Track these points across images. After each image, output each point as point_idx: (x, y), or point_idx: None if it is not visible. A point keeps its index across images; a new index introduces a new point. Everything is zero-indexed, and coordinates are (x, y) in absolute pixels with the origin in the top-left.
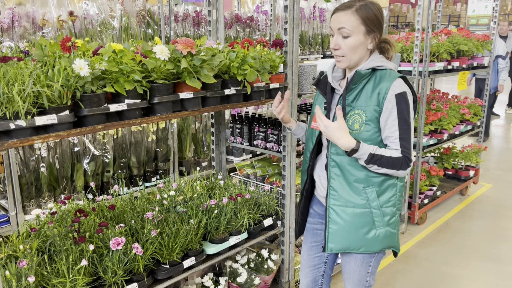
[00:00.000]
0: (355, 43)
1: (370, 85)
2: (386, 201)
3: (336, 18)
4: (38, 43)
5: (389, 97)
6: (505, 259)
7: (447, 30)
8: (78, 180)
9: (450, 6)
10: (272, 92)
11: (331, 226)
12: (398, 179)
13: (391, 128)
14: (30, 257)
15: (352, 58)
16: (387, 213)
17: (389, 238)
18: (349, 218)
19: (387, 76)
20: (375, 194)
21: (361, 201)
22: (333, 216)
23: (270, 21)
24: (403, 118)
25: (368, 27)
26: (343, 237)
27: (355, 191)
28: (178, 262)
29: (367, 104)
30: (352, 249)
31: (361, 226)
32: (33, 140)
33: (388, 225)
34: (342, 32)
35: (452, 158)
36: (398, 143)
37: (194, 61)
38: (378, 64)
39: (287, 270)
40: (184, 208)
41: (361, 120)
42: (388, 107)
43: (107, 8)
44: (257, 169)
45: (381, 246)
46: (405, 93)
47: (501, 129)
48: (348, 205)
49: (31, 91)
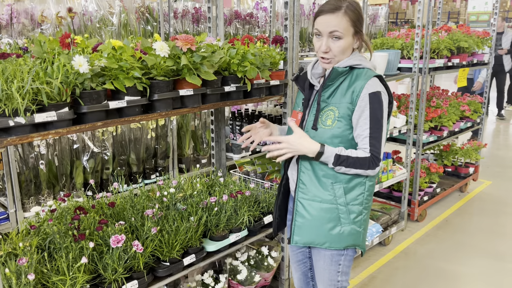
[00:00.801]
0: (345, 45)
1: (346, 83)
2: (353, 199)
3: (325, 21)
4: (37, 40)
5: (363, 96)
6: (505, 256)
7: (447, 26)
8: (77, 177)
9: (450, 3)
10: (272, 89)
11: (297, 219)
12: (367, 178)
13: (362, 126)
14: (30, 254)
15: (340, 59)
16: (353, 211)
17: (354, 236)
18: (316, 212)
19: (363, 74)
20: (342, 190)
21: (328, 196)
22: (300, 210)
23: (269, 18)
24: (375, 117)
25: (356, 27)
26: (308, 230)
27: (323, 186)
28: (178, 259)
29: (341, 101)
30: (317, 243)
31: (326, 221)
32: (32, 137)
33: (353, 223)
34: (333, 35)
35: (452, 155)
36: (367, 142)
37: (194, 57)
38: (356, 62)
39: (287, 267)
40: (184, 205)
41: (334, 116)
42: (361, 105)
43: (106, 4)
44: (257, 166)
45: (346, 244)
46: (379, 93)
47: (500, 126)
48: (315, 200)
49: (30, 88)
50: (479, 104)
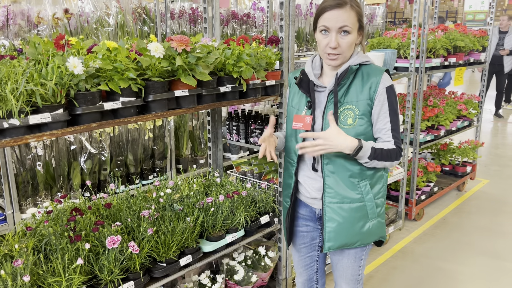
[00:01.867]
0: (353, 40)
1: (358, 80)
2: (377, 193)
3: (333, 16)
4: (31, 41)
5: (380, 90)
6: (502, 254)
7: (444, 26)
8: (74, 178)
9: (448, 2)
10: (268, 89)
11: (328, 224)
12: (384, 170)
13: (383, 120)
14: (26, 256)
15: (347, 55)
16: (378, 205)
17: (380, 228)
18: (346, 214)
19: (374, 70)
20: (369, 187)
21: (357, 195)
22: (330, 214)
23: (266, 18)
24: (393, 110)
25: (360, 22)
26: (340, 234)
27: (351, 187)
28: (175, 260)
29: (359, 98)
30: (349, 244)
31: (357, 220)
32: (27, 139)
33: (379, 215)
34: (343, 30)
35: (449, 154)
36: (390, 135)
37: (189, 58)
38: (364, 59)
39: (284, 267)
40: (180, 206)
41: (354, 115)
42: (380, 99)
43: (102, 5)
44: (254, 167)
45: (374, 237)
46: (393, 86)
47: (498, 124)
48: (344, 201)
49: (24, 89)
50: (476, 103)
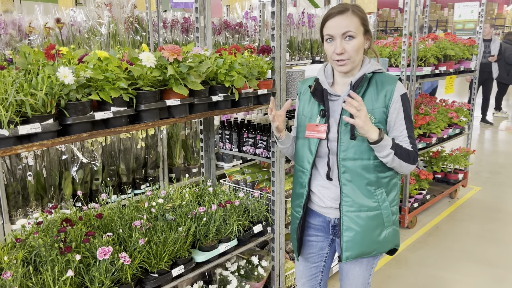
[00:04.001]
0: (359, 44)
1: (372, 88)
2: (392, 200)
3: (336, 23)
4: (22, 51)
5: (396, 98)
6: (495, 261)
7: (434, 35)
8: (66, 188)
9: (438, 11)
10: (261, 98)
11: (346, 234)
12: (397, 177)
13: (399, 127)
14: (15, 268)
15: (356, 60)
16: (394, 212)
17: (395, 236)
18: (364, 222)
19: (388, 78)
20: (385, 194)
21: (374, 203)
22: (347, 223)
23: (259, 27)
24: (408, 117)
25: (365, 27)
26: (358, 243)
27: (368, 195)
28: (167, 270)
29: (374, 106)
30: (367, 253)
31: (374, 228)
32: (16, 150)
33: (394, 223)
34: (347, 35)
35: (441, 162)
36: (408, 141)
37: (180, 68)
38: (378, 67)
39: (278, 277)
40: (173, 215)
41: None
42: (396, 107)
43: (95, 15)
44: (247, 175)
45: (390, 245)
46: (407, 94)
47: (489, 132)
48: (362, 210)
49: (14, 99)
50: (467, 111)
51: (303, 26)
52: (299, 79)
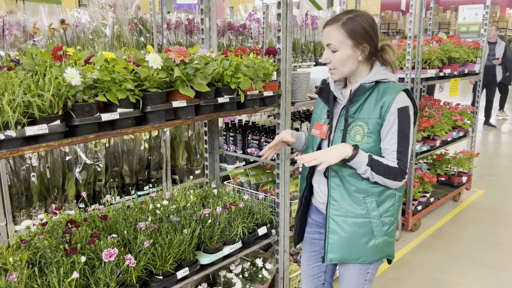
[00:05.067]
0: (343, 56)
1: (373, 98)
2: (385, 211)
3: (324, 33)
4: (28, 52)
5: (392, 111)
6: (499, 265)
7: (439, 37)
8: (69, 189)
9: (440, 14)
10: (266, 100)
11: (331, 236)
12: (397, 189)
13: (390, 140)
14: (20, 269)
15: (343, 71)
16: (386, 223)
17: (386, 247)
18: (350, 228)
19: (390, 89)
20: (375, 204)
21: (361, 211)
22: (333, 226)
23: (262, 29)
24: (403, 132)
25: (355, 40)
26: (343, 247)
27: (355, 201)
28: (172, 273)
29: (370, 116)
30: (351, 259)
31: (361, 236)
32: (23, 151)
33: (386, 234)
34: (330, 47)
35: (445, 165)
36: (395, 156)
37: (187, 69)
38: (382, 77)
39: (282, 280)
40: (177, 217)
41: (363, 132)
42: (390, 120)
43: (99, 16)
44: (251, 177)
45: (379, 256)
46: (407, 108)
47: (492, 135)
48: (348, 215)
49: (21, 101)
50: (471, 113)
51: (307, 28)
52: (304, 81)
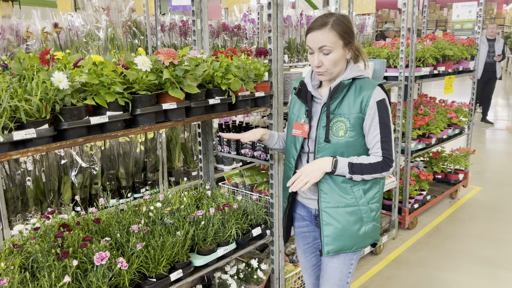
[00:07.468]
0: (336, 57)
1: (351, 94)
2: (371, 198)
3: (314, 37)
4: (16, 56)
5: (371, 104)
6: (496, 262)
7: (432, 35)
8: (65, 193)
9: (437, 11)
10: (258, 100)
11: (325, 229)
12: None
13: (373, 132)
14: (12, 274)
15: (334, 72)
16: (373, 209)
17: (375, 231)
18: (342, 218)
19: (367, 84)
20: (362, 191)
21: (351, 200)
22: (326, 219)
23: (257, 30)
24: (383, 123)
25: (345, 39)
26: (338, 238)
27: (344, 191)
28: (165, 275)
29: (350, 111)
30: (347, 248)
31: (353, 224)
32: (11, 156)
33: (374, 219)
34: (323, 50)
35: (441, 162)
36: (379, 146)
37: (176, 71)
38: (358, 74)
39: (277, 280)
40: (171, 219)
41: (345, 127)
42: (371, 113)
43: (92, 19)
44: (246, 178)
45: (369, 241)
46: (384, 100)
47: (489, 131)
48: (339, 206)
49: (8, 105)
50: (466, 111)
51: (302, 28)
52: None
